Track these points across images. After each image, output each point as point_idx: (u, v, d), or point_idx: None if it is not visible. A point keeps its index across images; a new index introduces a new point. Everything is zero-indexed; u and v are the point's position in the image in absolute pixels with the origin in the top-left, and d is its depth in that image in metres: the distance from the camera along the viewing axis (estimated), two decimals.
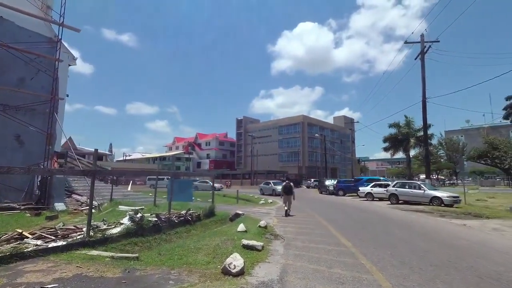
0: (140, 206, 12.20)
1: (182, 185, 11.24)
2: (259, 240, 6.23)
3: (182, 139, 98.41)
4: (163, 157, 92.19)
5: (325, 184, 29.32)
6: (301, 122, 69.35)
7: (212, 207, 11.59)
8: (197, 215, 10.18)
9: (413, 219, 9.83)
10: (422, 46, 19.04)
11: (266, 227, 7.95)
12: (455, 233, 7.05)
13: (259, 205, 16.60)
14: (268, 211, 13.22)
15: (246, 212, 13.17)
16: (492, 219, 9.70)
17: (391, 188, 16.80)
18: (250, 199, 22.79)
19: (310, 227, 8.36)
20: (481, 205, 15.50)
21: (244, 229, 6.99)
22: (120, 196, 15.25)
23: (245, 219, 10.27)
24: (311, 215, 11.53)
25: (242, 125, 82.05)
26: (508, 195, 23.54)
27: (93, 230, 6.94)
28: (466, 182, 61.45)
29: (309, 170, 67.77)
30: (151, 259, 5.28)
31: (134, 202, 13.98)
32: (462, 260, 4.77)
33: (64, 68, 13.72)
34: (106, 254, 5.50)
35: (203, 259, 4.92)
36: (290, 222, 9.36)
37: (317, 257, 5.01)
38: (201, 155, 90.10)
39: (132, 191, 18.71)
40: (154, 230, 7.99)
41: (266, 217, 11.19)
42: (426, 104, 18.89)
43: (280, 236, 7.09)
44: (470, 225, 8.41)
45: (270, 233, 7.42)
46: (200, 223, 10.06)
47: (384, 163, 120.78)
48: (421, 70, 19.12)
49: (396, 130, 36.52)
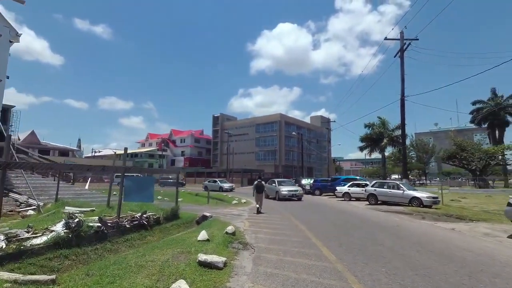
0: (91, 207, 10.51)
1: (141, 183, 9.71)
2: (223, 253, 4.99)
3: (155, 136, 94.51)
4: (135, 153, 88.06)
5: (301, 183, 28.59)
6: (278, 121, 68.73)
7: (176, 208, 10.19)
8: (156, 218, 8.75)
9: (397, 222, 9.03)
10: (402, 43, 18.67)
11: (234, 233, 6.71)
12: (449, 240, 6.21)
13: (231, 206, 15.34)
14: (240, 213, 12.01)
15: (216, 213, 11.87)
16: (477, 221, 9.17)
17: (370, 188, 16.21)
18: (224, 199, 21.45)
19: (285, 232, 7.23)
20: (457, 206, 15.29)
21: (206, 237, 5.70)
22: (72, 195, 13.36)
23: (213, 222, 8.98)
24: (287, 217, 10.46)
25: (218, 122, 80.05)
26: (478, 196, 24.05)
27: (7, 240, 5.36)
28: (434, 183, 64.12)
29: (286, 169, 67.38)
30: (73, 283, 3.88)
31: (87, 202, 12.19)
32: (478, 282, 3.81)
33: (3, 44, 11.59)
34: (8, 277, 3.99)
35: (142, 284, 3.61)
36: (263, 227, 8.19)
37: (295, 279, 3.86)
38: (176, 152, 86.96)
39: (90, 190, 16.69)
40: (96, 238, 6.50)
41: (237, 220, 9.96)
42: (404, 103, 18.57)
43: (250, 245, 5.90)
44: (458, 229, 7.72)
45: (238, 241, 6.20)
46: (159, 227, 8.65)
47: (358, 163, 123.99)
48: (400, 68, 18.76)
49: (371, 130, 36.76)
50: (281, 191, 18.68)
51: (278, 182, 20.58)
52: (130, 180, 9.77)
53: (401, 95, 18.65)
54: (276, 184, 20.03)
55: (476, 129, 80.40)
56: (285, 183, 20.77)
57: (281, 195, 18.54)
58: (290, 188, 19.19)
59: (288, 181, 22.95)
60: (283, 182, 21.00)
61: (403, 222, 9.01)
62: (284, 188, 18.97)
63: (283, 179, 23.93)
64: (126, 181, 9.69)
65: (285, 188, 19.07)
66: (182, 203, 16.42)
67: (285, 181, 22.59)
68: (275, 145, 67.56)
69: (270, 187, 20.28)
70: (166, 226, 8.90)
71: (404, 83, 18.56)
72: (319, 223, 8.76)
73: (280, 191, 18.76)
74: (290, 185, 20.79)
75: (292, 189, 19.20)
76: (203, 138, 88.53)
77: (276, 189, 19.35)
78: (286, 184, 20.52)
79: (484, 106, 42.56)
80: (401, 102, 18.64)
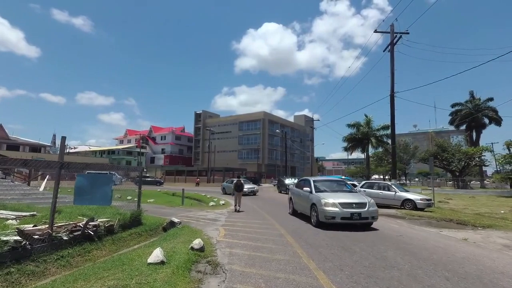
0: (34, 210, 8.63)
1: (95, 182, 8.00)
2: (179, 284, 3.48)
3: (134, 132, 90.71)
4: (112, 150, 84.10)
5: (284, 182, 27.33)
6: (262, 119, 67.49)
7: (137, 213, 8.53)
8: (108, 225, 7.06)
9: (398, 230, 7.83)
10: (392, 36, 17.76)
11: (202, 248, 5.21)
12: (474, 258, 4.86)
13: (208, 208, 13.77)
14: (216, 217, 10.48)
15: (188, 218, 10.29)
16: (484, 228, 8.17)
17: (359, 189, 15.11)
18: (201, 199, 19.86)
19: (268, 246, 5.79)
20: (447, 208, 14.52)
21: (160, 259, 4.16)
22: (17, 196, 11.32)
23: (180, 231, 7.43)
24: (270, 223, 9.05)
25: (201, 119, 77.66)
26: (461, 196, 23.81)
27: None
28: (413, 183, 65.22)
29: (269, 168, 66.31)
30: None
31: (33, 204, 10.22)
32: None
33: None
34: None
35: None
36: (241, 237, 6.72)
37: None
38: (156, 150, 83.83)
39: (46, 190, 14.53)
40: (13, 257, 4.80)
41: (211, 226, 8.44)
42: (394, 99, 17.68)
43: (221, 266, 4.42)
44: (472, 239, 6.54)
45: (207, 261, 4.71)
46: (112, 237, 6.98)
47: (340, 163, 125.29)
48: (390, 62, 17.84)
49: (356, 129, 36.17)
50: None
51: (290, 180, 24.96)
52: (83, 178, 8.05)
53: (390, 91, 17.77)
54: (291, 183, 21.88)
55: (454, 131, 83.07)
56: (245, 182, 24.15)
57: None
58: (249, 186, 23.37)
59: (246, 180, 25.93)
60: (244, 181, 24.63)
61: (404, 230, 7.82)
62: (245, 186, 22.25)
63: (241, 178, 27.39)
64: (79, 179, 7.98)
65: (245, 186, 22.18)
66: (153, 205, 14.69)
67: (244, 180, 26.03)
68: (258, 143, 66.29)
69: (231, 186, 23.51)
70: (122, 236, 7.25)
71: (394, 78, 17.68)
72: (309, 232, 7.39)
73: None
74: (248, 183, 24.24)
75: (250, 186, 23.57)
76: (184, 136, 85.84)
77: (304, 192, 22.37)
78: (245, 183, 23.73)
79: (462, 108, 43.25)
80: (391, 98, 17.76)
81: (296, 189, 10.79)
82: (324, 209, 7.68)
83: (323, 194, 8.35)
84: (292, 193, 11.26)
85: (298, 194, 10.24)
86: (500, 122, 40.64)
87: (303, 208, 9.54)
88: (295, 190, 10.89)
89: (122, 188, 18.68)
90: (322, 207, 7.73)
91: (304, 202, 9.29)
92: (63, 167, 5.77)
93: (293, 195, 10.96)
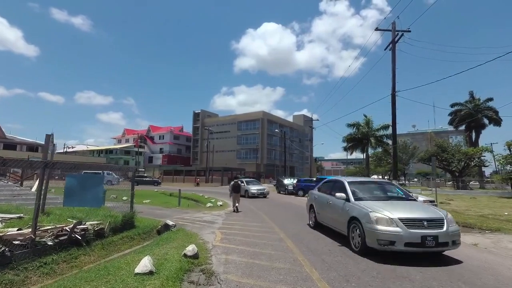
0: (22, 212, 8.24)
1: (85, 182, 7.64)
2: None
3: (133, 131, 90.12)
4: (110, 150, 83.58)
5: (284, 183, 27.01)
6: (260, 119, 67.11)
7: (130, 215, 8.17)
8: (98, 229, 6.69)
9: None
10: (394, 34, 17.40)
11: (196, 255, 4.85)
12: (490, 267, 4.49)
13: (205, 209, 13.40)
14: (213, 219, 10.13)
15: (184, 220, 9.94)
16: (492, 232, 7.85)
17: None
18: (199, 200, 19.48)
19: (267, 252, 5.45)
20: (449, 209, 14.15)
21: (149, 269, 3.81)
22: (7, 197, 10.92)
23: (174, 235, 7.07)
24: (269, 226, 8.70)
25: (199, 118, 77.22)
26: (462, 197, 23.54)
27: None
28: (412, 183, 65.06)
29: (268, 168, 65.96)
30: None
31: (23, 205, 9.81)
32: None
33: None
34: None
35: None
36: (238, 242, 6.37)
37: None
38: (154, 149, 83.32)
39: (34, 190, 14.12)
40: None
41: (207, 229, 8.09)
42: (395, 98, 17.33)
43: (216, 276, 4.07)
44: (482, 245, 6.15)
45: (200, 269, 4.37)
46: (102, 241, 6.62)
47: (338, 163, 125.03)
48: (391, 61, 17.48)
49: (356, 129, 35.87)
50: (251, 190, 20.92)
51: (246, 182, 22.54)
52: (73, 179, 7.69)
53: (392, 90, 17.42)
54: (244, 184, 21.57)
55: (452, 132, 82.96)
56: (252, 183, 22.87)
57: (250, 193, 20.68)
58: (259, 187, 21.78)
59: (255, 181, 24.96)
60: (250, 182, 23.11)
61: None
62: (253, 188, 21.29)
63: (250, 179, 25.67)
64: (68, 179, 7.64)
65: (253, 187, 21.40)
66: (148, 206, 14.31)
67: (252, 181, 24.48)
68: (257, 143, 65.92)
69: None
70: (113, 240, 6.89)
71: (395, 77, 17.34)
72: (311, 236, 7.05)
73: (249, 190, 20.89)
74: (257, 184, 23.14)
75: (260, 188, 21.87)
76: (183, 135, 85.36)
77: (245, 188, 20.88)
78: (254, 184, 22.63)
79: (462, 108, 43.03)
80: (392, 97, 17.40)
81: (320, 194, 8.06)
82: (375, 228, 4.98)
83: (370, 204, 5.66)
84: (313, 198, 8.40)
85: (324, 201, 7.49)
86: (499, 123, 40.43)
87: (333, 222, 6.79)
88: (318, 195, 8.12)
89: (118, 188, 18.32)
90: (372, 225, 5.05)
91: (336, 214, 6.55)
92: (48, 167, 5.41)
93: (315, 202, 8.17)
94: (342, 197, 6.39)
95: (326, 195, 7.58)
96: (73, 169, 6.67)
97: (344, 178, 7.49)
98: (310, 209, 8.64)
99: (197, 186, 41.13)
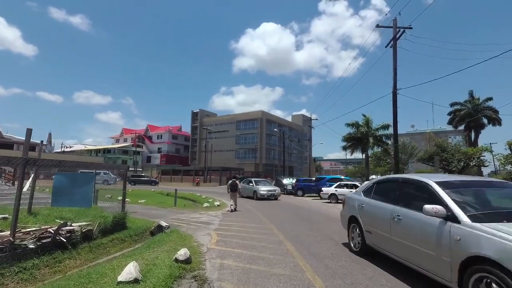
0: (6, 214, 7.83)
1: (74, 181, 7.24)
2: None
3: (131, 131, 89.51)
4: (108, 149, 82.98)
5: (282, 182, 26.64)
6: (259, 118, 66.71)
7: (122, 216, 7.77)
8: (86, 230, 6.30)
9: None
10: (395, 31, 17.09)
11: (189, 259, 4.47)
12: None
13: (201, 210, 13.01)
14: (210, 220, 9.74)
15: (179, 220, 9.55)
16: None
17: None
18: (196, 199, 19.07)
19: (266, 256, 5.07)
20: None
21: (133, 276, 3.42)
22: None
23: (167, 237, 6.68)
24: (267, 227, 8.33)
25: (197, 118, 76.76)
26: None
27: None
28: None
29: (266, 168, 65.57)
30: None
31: (10, 206, 9.38)
32: None
33: None
34: None
35: None
36: (235, 244, 5.99)
37: None
38: (152, 149, 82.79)
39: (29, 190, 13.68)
40: None
41: (203, 230, 7.71)
42: (397, 96, 17.03)
43: (209, 284, 3.70)
44: None
45: (192, 276, 3.99)
46: (90, 244, 6.22)
47: (337, 163, 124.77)
48: (392, 58, 17.18)
49: (355, 129, 35.54)
50: (260, 190, 18.28)
51: (255, 181, 20.27)
52: (62, 177, 7.30)
53: (393, 88, 17.12)
54: (253, 184, 19.61)
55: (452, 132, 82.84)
56: (262, 183, 20.35)
57: (259, 194, 18.09)
58: (269, 188, 19.06)
59: (265, 181, 22.72)
60: (260, 182, 20.70)
61: None
62: (262, 188, 18.60)
63: (260, 179, 23.49)
64: (57, 178, 7.27)
65: (263, 188, 18.74)
66: (143, 206, 13.91)
67: (262, 181, 22.22)
68: (256, 143, 65.53)
69: (247, 187, 19.75)
70: (102, 242, 6.50)
71: (397, 74, 17.04)
72: (312, 238, 6.67)
73: (258, 190, 18.33)
74: (268, 185, 20.42)
75: (271, 189, 19.08)
76: (181, 135, 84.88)
77: (254, 188, 18.89)
78: (263, 184, 20.07)
79: (461, 108, 42.81)
80: (393, 95, 17.11)
81: (371, 202, 5.07)
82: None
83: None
84: (358, 207, 5.38)
85: (382, 215, 4.53)
86: (499, 122, 40.23)
87: (412, 256, 3.79)
88: (368, 203, 5.15)
89: (114, 188, 17.89)
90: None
91: (419, 243, 3.62)
92: (29, 164, 5.03)
93: (362, 214, 5.22)
94: (436, 213, 3.29)
95: (387, 204, 4.53)
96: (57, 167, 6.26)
97: (427, 177, 4.14)
98: (350, 223, 5.69)
99: (197, 186, 40.72)
